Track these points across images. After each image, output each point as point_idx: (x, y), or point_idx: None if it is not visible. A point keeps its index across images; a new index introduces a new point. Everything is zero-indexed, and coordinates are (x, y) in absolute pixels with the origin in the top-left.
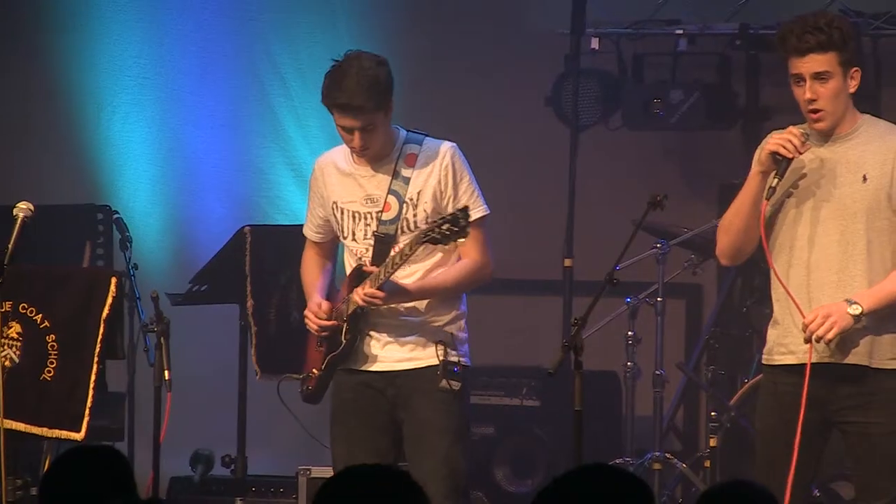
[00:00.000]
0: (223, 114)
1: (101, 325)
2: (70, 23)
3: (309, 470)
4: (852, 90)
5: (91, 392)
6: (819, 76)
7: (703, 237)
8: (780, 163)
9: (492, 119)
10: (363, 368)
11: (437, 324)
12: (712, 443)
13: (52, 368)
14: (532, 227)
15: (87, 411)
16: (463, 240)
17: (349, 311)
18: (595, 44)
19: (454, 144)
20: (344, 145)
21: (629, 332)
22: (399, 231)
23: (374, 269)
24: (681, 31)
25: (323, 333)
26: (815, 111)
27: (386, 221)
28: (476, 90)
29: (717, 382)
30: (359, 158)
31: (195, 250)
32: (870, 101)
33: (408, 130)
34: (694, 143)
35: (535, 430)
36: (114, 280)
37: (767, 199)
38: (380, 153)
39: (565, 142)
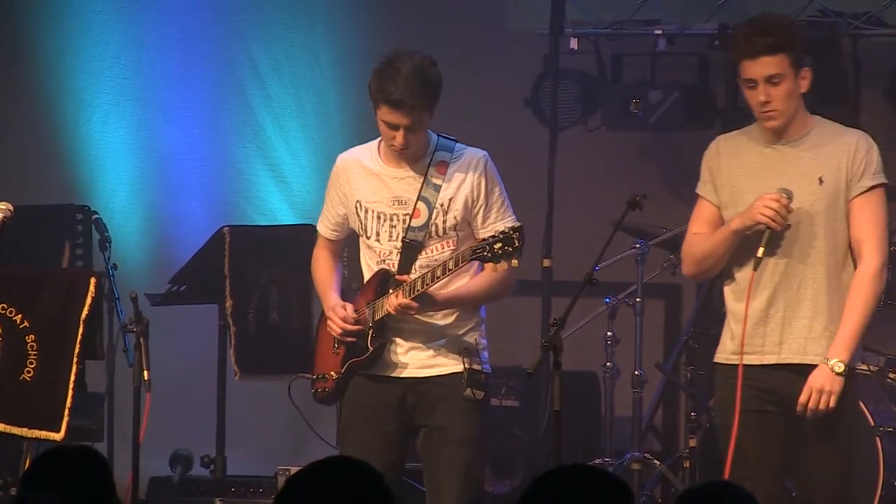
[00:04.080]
0: (202, 114)
1: (81, 326)
2: (49, 23)
3: (288, 470)
4: (804, 90)
5: (70, 392)
6: (771, 78)
7: (683, 238)
8: (764, 232)
9: (470, 119)
10: (384, 374)
11: (460, 331)
12: (691, 443)
13: (32, 369)
14: None
15: (66, 412)
16: (516, 262)
17: (376, 317)
18: (574, 44)
19: (486, 153)
20: (367, 144)
21: (608, 333)
22: (427, 237)
23: (407, 278)
24: (660, 32)
25: (348, 339)
26: (769, 111)
27: (415, 228)
28: (455, 90)
29: (696, 383)
30: (387, 158)
31: (174, 250)
32: (849, 102)
33: (439, 135)
34: (673, 143)
35: (514, 430)
36: (93, 280)
37: (755, 269)
38: (416, 154)
39: (544, 142)
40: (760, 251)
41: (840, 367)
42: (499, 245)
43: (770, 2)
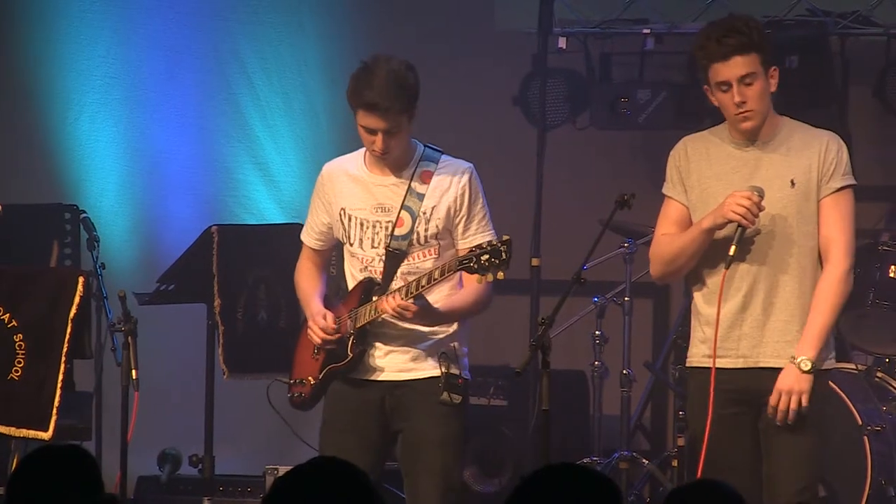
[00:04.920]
0: (190, 114)
1: (69, 325)
2: (37, 22)
3: (276, 469)
4: (773, 89)
5: (59, 391)
6: (745, 78)
7: None
8: (736, 231)
9: (459, 118)
10: (363, 378)
11: (439, 336)
12: (680, 442)
13: (20, 368)
14: (499, 227)
15: (54, 411)
16: (502, 274)
17: (358, 324)
18: (562, 43)
19: (472, 165)
20: (354, 153)
21: (596, 332)
22: (410, 245)
23: (384, 305)
24: (648, 31)
25: (328, 346)
26: (744, 112)
27: (398, 237)
28: (443, 90)
29: (684, 381)
30: (371, 165)
31: (162, 250)
32: (838, 101)
33: (426, 145)
34: (661, 142)
35: (503, 429)
36: (81, 279)
37: (727, 268)
38: (399, 161)
39: (533, 141)
40: (732, 249)
41: (807, 365)
42: (486, 257)
43: (757, 1)
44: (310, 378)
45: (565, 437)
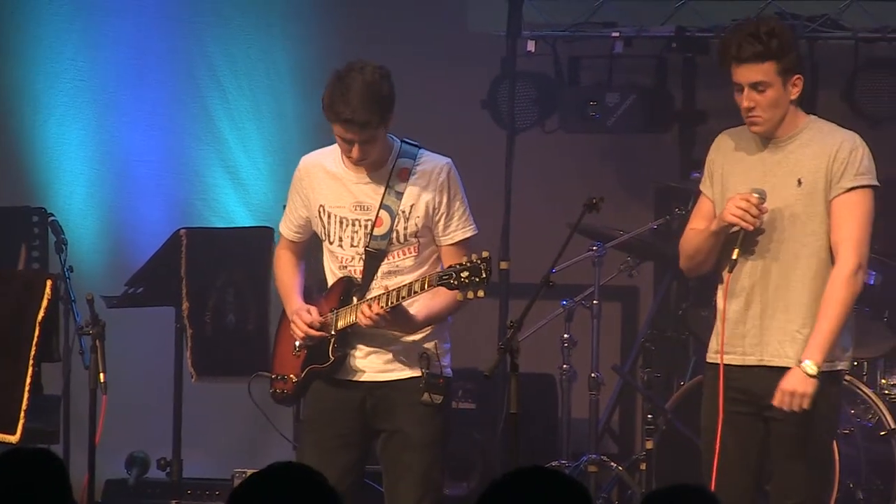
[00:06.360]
0: (159, 116)
1: (37, 328)
2: (5, 24)
3: (244, 472)
4: (794, 97)
5: (26, 394)
6: (756, 86)
7: (640, 240)
8: (739, 233)
9: (427, 121)
10: (344, 378)
11: (419, 336)
12: (648, 445)
13: None
14: None
15: (22, 414)
16: (482, 293)
17: (338, 326)
18: (531, 46)
19: (450, 160)
20: (331, 147)
21: (565, 335)
22: (389, 244)
23: (375, 301)
24: (617, 34)
25: (309, 343)
26: (752, 117)
27: (378, 237)
28: (412, 92)
29: (652, 385)
30: (349, 163)
31: (131, 253)
32: (806, 104)
33: (402, 140)
34: (630, 145)
35: (471, 432)
36: (49, 283)
37: (730, 271)
38: (376, 162)
39: (501, 144)
40: (735, 252)
41: (812, 369)
42: (466, 274)
43: (728, 5)
44: (292, 375)
45: (534, 440)
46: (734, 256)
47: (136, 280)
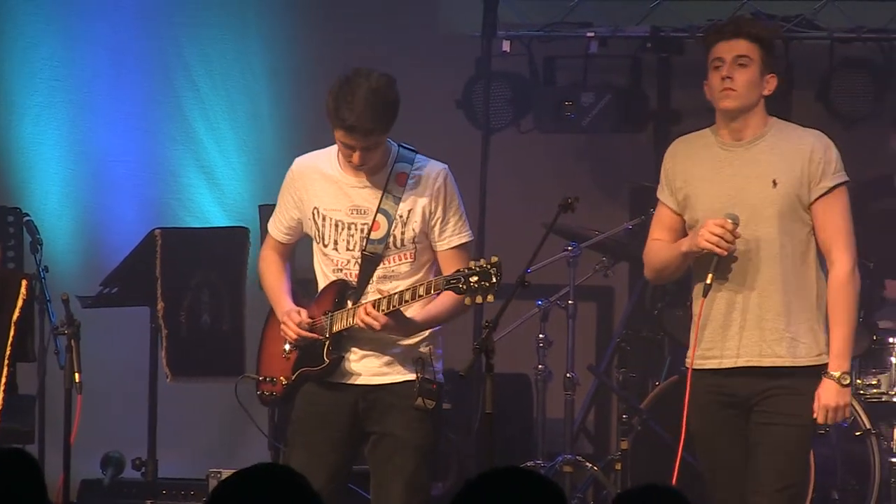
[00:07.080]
0: (134, 116)
1: (12, 328)
2: None
3: (220, 472)
4: (766, 93)
5: (1, 394)
6: (740, 59)
7: (615, 240)
8: (713, 258)
9: (402, 121)
10: (337, 381)
11: (414, 341)
12: (623, 445)
13: None
14: None
15: None
16: (491, 297)
17: (333, 329)
18: (506, 46)
19: (446, 166)
20: (326, 150)
21: (540, 335)
22: (386, 248)
23: (364, 320)
24: (592, 34)
25: (302, 344)
26: (727, 88)
27: (374, 241)
28: None
29: (628, 385)
30: (345, 166)
31: (106, 253)
32: (781, 103)
33: (399, 145)
34: (605, 145)
35: (447, 432)
36: (24, 283)
37: (704, 296)
38: (374, 167)
39: (477, 144)
40: (709, 278)
41: (846, 379)
42: (475, 278)
43: (703, 5)
44: (282, 378)
45: (509, 440)
46: (708, 281)
47: (112, 280)
